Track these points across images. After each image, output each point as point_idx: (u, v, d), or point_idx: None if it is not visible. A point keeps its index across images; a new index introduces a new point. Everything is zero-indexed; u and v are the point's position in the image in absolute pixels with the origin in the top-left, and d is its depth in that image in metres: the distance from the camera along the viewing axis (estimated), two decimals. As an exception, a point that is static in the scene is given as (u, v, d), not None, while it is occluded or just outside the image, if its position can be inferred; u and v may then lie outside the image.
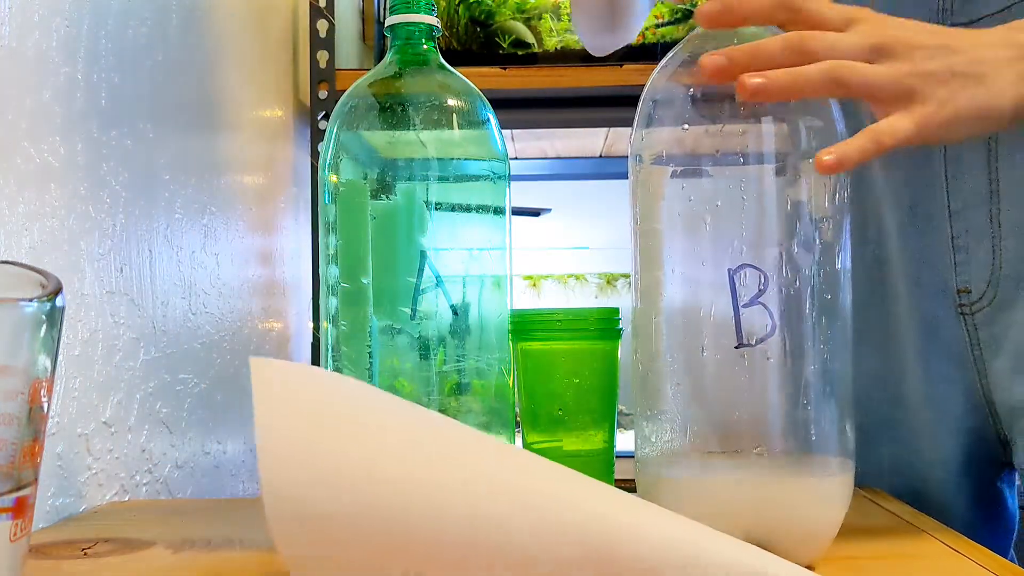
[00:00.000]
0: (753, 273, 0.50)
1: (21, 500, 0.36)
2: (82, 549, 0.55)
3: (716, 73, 0.51)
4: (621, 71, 1.31)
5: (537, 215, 2.24)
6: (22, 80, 0.61)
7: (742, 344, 0.50)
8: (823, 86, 0.50)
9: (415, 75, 0.61)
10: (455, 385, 0.59)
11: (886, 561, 0.52)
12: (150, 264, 0.80)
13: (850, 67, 0.50)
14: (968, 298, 0.68)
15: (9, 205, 0.59)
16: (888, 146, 0.50)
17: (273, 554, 0.54)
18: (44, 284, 0.37)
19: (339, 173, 0.59)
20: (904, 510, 0.63)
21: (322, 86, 1.32)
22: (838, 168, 0.49)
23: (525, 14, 1.39)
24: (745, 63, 0.50)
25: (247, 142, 1.11)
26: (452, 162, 0.60)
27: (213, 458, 0.95)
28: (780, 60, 0.51)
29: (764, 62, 0.51)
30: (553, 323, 0.63)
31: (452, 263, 0.58)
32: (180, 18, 0.88)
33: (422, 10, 0.61)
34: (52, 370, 0.37)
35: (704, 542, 0.39)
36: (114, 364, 0.73)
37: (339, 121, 0.60)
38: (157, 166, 0.83)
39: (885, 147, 0.50)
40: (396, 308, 0.58)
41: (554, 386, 0.63)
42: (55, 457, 0.64)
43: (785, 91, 0.50)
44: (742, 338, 0.50)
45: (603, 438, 0.63)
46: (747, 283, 0.50)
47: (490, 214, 0.60)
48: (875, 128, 0.51)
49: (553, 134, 1.68)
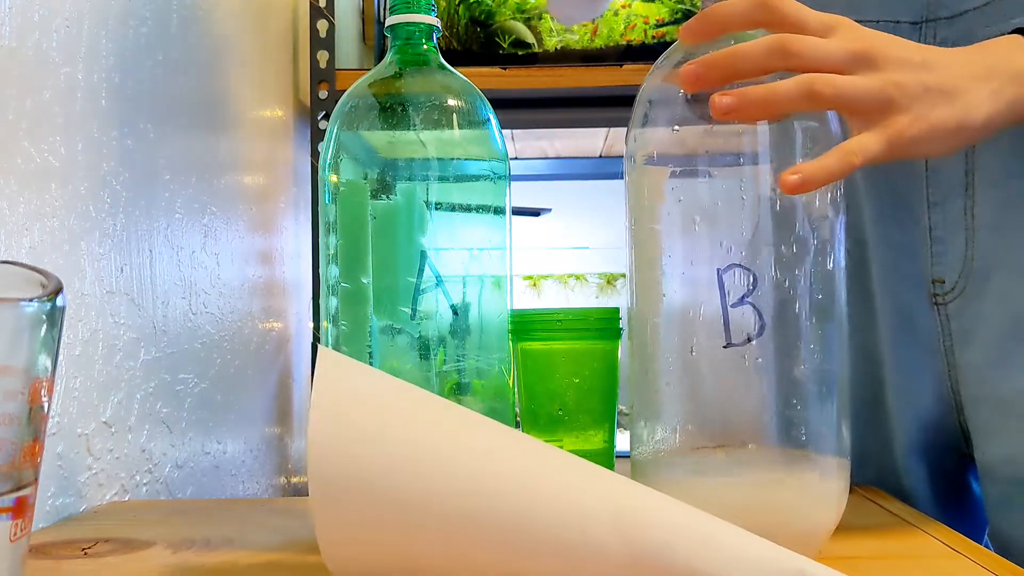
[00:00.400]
0: (742, 273, 0.50)
1: (21, 500, 0.36)
2: (82, 549, 0.55)
3: (693, 83, 0.51)
4: (621, 71, 1.31)
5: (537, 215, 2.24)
6: (22, 80, 0.61)
7: (731, 344, 0.50)
8: (798, 100, 0.50)
9: (415, 75, 0.61)
10: (455, 385, 0.59)
11: (886, 561, 0.52)
12: (150, 264, 0.80)
13: (824, 80, 0.50)
14: (942, 288, 0.68)
15: (9, 205, 0.59)
16: (856, 165, 0.50)
17: (273, 554, 0.54)
18: (44, 284, 0.37)
19: (339, 173, 0.59)
20: (904, 510, 0.63)
21: (322, 86, 1.32)
22: (803, 188, 0.48)
23: (525, 14, 1.39)
24: (724, 68, 0.50)
25: (247, 142, 1.11)
26: (452, 162, 0.60)
27: (213, 458, 0.95)
28: (763, 63, 0.50)
29: (746, 66, 0.50)
30: (553, 323, 0.63)
31: (452, 263, 0.58)
32: (180, 18, 0.88)
33: (422, 10, 0.61)
34: (52, 370, 0.37)
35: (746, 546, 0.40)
36: (114, 364, 0.73)
37: (339, 121, 0.60)
38: (157, 166, 0.83)
39: (853, 167, 0.50)
40: (396, 308, 0.58)
41: (554, 386, 0.63)
42: (55, 457, 0.64)
43: (758, 108, 0.50)
44: (731, 337, 0.50)
45: (603, 438, 0.63)
46: (736, 283, 0.50)
47: (490, 214, 0.60)
48: (843, 147, 0.50)
49: (553, 134, 1.68)
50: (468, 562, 0.39)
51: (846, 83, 0.50)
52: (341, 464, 0.39)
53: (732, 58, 0.50)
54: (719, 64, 0.50)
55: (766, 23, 0.52)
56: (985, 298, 0.66)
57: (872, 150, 0.51)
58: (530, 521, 0.38)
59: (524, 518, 0.38)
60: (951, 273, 0.68)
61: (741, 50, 0.50)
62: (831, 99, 0.50)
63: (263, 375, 1.14)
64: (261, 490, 1.12)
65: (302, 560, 0.53)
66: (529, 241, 2.24)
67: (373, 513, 0.38)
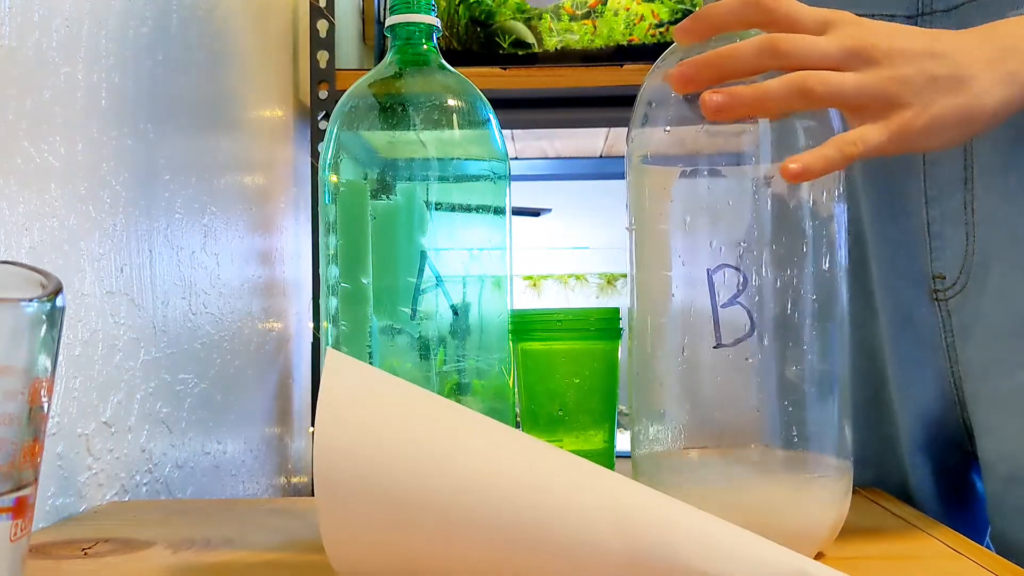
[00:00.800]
0: (732, 273, 0.50)
1: (21, 500, 0.36)
2: (82, 549, 0.55)
3: (683, 84, 0.50)
4: (621, 71, 1.31)
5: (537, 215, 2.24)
6: (22, 80, 0.61)
7: (720, 344, 0.50)
8: (789, 99, 0.49)
9: (415, 75, 0.61)
10: (455, 385, 0.59)
11: (886, 561, 0.52)
12: (150, 264, 0.80)
13: (817, 77, 0.49)
14: (942, 284, 0.68)
15: (9, 205, 0.59)
16: (854, 156, 0.49)
17: (273, 554, 0.54)
18: (44, 284, 0.37)
19: (339, 173, 0.59)
20: (904, 510, 0.63)
21: (322, 86, 1.32)
22: (804, 177, 0.48)
23: (525, 14, 1.38)
24: (714, 68, 0.50)
25: (247, 142, 1.11)
26: (452, 162, 0.60)
27: (213, 458, 0.95)
28: (754, 63, 0.50)
29: (737, 66, 0.50)
30: (553, 323, 0.63)
31: (452, 263, 0.58)
32: (180, 18, 0.88)
33: (422, 10, 0.61)
34: (52, 370, 0.37)
35: None
36: (114, 364, 0.73)
37: (339, 121, 0.60)
38: (157, 166, 0.83)
39: (851, 157, 0.49)
40: (396, 308, 0.58)
41: (554, 386, 0.63)
42: (55, 457, 0.64)
43: (748, 107, 0.49)
44: (720, 338, 0.50)
45: (603, 438, 0.63)
46: (727, 283, 0.50)
47: (490, 214, 0.60)
48: (842, 137, 0.50)
49: (553, 134, 1.68)
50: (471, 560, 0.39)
51: (841, 80, 0.50)
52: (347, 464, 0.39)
53: (722, 58, 0.50)
54: (709, 64, 0.50)
55: (759, 23, 0.52)
56: (986, 293, 0.66)
57: (873, 141, 0.50)
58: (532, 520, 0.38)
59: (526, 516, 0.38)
60: (951, 268, 0.68)
61: (731, 50, 0.50)
62: (824, 96, 0.50)
63: (263, 375, 1.14)
64: (261, 490, 1.12)
65: (302, 560, 0.53)
66: (529, 241, 2.24)
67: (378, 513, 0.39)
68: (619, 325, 0.63)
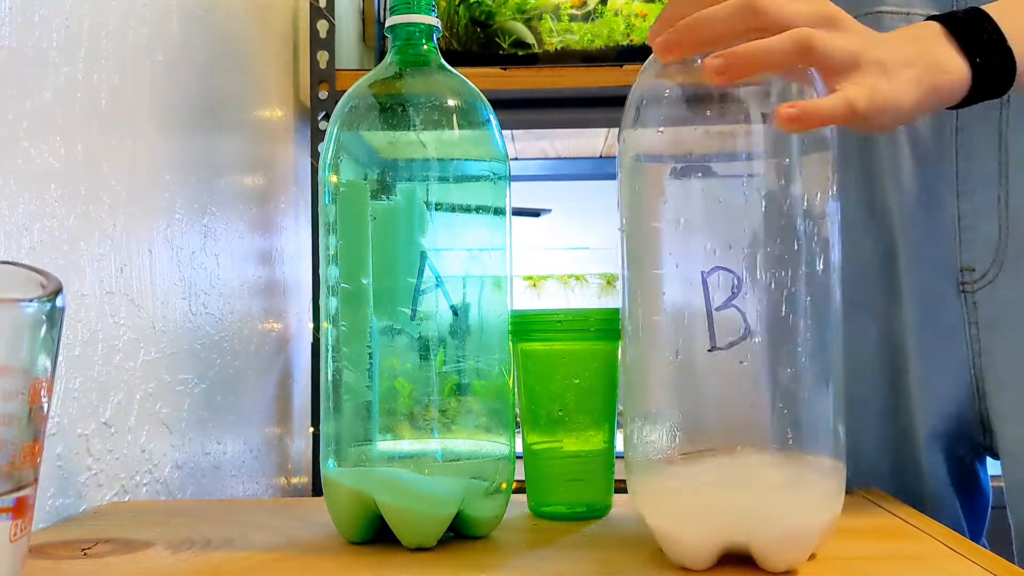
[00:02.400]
0: (727, 276, 0.50)
1: (21, 500, 0.36)
2: (82, 549, 0.55)
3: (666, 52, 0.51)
4: (621, 71, 1.31)
5: (537, 215, 2.24)
6: (22, 80, 0.61)
7: (715, 347, 0.50)
8: (792, 54, 0.50)
9: (415, 75, 0.61)
10: (455, 386, 0.58)
11: (886, 561, 0.52)
12: (150, 264, 0.80)
13: (818, 34, 0.50)
14: (971, 276, 0.69)
15: (9, 205, 0.59)
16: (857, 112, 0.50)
17: (273, 554, 0.54)
18: (44, 284, 0.37)
19: (339, 173, 0.59)
20: (904, 510, 0.63)
21: (322, 86, 1.32)
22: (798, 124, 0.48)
23: (525, 14, 1.39)
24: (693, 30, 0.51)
25: (247, 142, 1.11)
26: (452, 162, 0.59)
27: (213, 458, 0.95)
28: (731, 24, 0.51)
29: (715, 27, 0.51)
30: (553, 324, 0.63)
31: (452, 263, 0.58)
32: (180, 18, 0.88)
33: (422, 10, 0.61)
34: (52, 370, 0.37)
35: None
36: (114, 364, 0.73)
37: (339, 121, 0.60)
38: (157, 166, 0.83)
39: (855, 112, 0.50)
40: (396, 309, 0.58)
41: (554, 387, 0.63)
42: (55, 457, 0.64)
43: (751, 64, 0.49)
44: (715, 341, 0.50)
45: (603, 439, 0.63)
46: (721, 285, 0.50)
47: (490, 214, 0.60)
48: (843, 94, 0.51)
49: (553, 134, 1.68)
50: None
51: (832, 39, 0.51)
52: None
53: (700, 20, 0.51)
54: (688, 27, 0.51)
55: None
56: (1017, 285, 0.68)
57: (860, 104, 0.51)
58: None
59: None
60: (982, 261, 0.69)
61: (708, 12, 0.51)
62: (823, 54, 0.51)
63: (263, 375, 1.14)
64: (261, 490, 1.12)
65: (302, 560, 0.53)
66: (529, 241, 2.24)
67: None
68: (619, 326, 0.63)
